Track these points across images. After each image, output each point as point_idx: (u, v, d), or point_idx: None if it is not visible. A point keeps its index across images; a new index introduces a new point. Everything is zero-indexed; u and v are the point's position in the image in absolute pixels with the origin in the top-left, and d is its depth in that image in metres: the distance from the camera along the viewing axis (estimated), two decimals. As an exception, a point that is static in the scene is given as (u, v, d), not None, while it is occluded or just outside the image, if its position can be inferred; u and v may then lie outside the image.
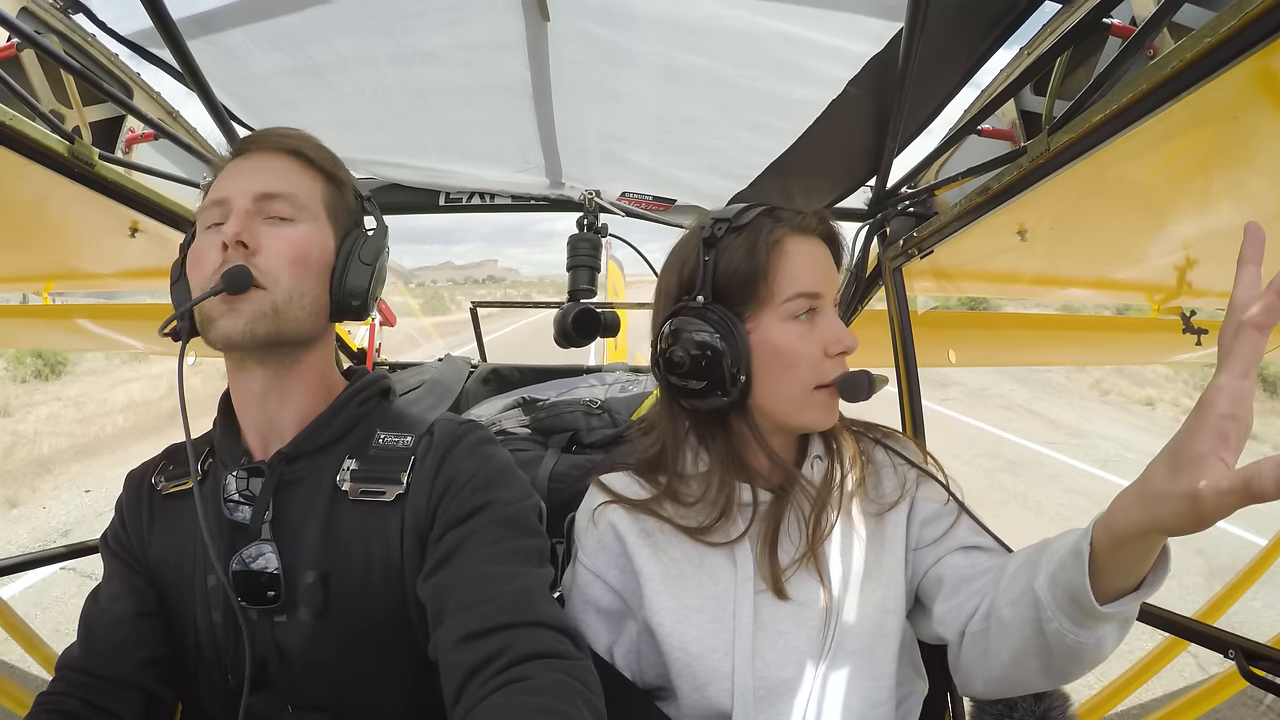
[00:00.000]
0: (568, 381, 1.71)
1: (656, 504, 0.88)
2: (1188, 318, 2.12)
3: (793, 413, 0.84)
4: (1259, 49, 0.70)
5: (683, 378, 0.84)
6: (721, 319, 0.82)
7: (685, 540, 0.87)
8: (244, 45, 1.12)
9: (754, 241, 0.83)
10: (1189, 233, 1.34)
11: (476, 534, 0.77)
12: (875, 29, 0.93)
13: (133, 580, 0.84)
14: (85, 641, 0.81)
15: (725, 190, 1.61)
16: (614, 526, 0.88)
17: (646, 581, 0.86)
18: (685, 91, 1.17)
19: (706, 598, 0.85)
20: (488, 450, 0.86)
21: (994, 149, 1.39)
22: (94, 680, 0.77)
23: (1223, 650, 1.15)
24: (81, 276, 2.07)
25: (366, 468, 0.82)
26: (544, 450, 1.48)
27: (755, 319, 0.83)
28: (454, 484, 0.80)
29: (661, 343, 0.86)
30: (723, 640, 0.83)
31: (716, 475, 0.87)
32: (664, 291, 0.91)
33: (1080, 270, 1.86)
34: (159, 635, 0.82)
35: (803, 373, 0.82)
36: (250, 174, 0.81)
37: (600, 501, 0.91)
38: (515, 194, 1.73)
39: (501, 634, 0.68)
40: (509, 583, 0.73)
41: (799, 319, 0.83)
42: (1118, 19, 1.01)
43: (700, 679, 0.83)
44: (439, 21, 1.04)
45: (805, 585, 0.85)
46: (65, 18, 1.27)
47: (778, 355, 0.82)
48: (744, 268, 0.83)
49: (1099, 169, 1.02)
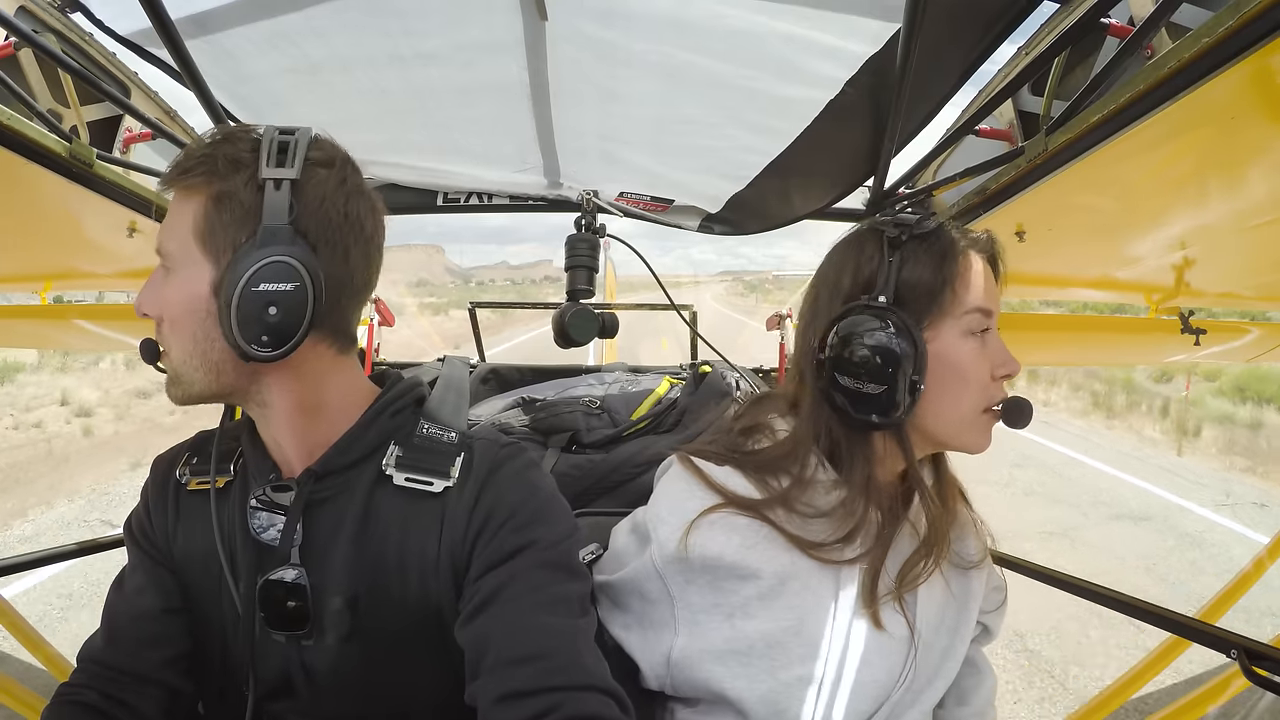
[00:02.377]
0: (566, 381, 1.71)
1: (768, 508, 0.82)
2: (1186, 317, 2.12)
3: (956, 434, 0.81)
4: (1257, 49, 0.70)
5: (857, 380, 0.77)
6: (905, 324, 0.77)
7: (788, 550, 0.82)
8: (242, 45, 1.12)
9: (945, 250, 0.80)
10: (1187, 233, 1.34)
11: (518, 578, 0.72)
12: (873, 29, 0.93)
13: (157, 574, 0.81)
14: (108, 634, 0.79)
15: (723, 191, 1.61)
16: (708, 556, 0.81)
17: (742, 604, 0.81)
18: (683, 91, 1.17)
19: (804, 619, 0.81)
20: (530, 480, 0.80)
21: (992, 149, 1.39)
22: (115, 674, 0.76)
23: (1225, 650, 1.15)
24: (80, 276, 2.06)
25: (412, 457, 0.78)
26: (544, 450, 1.49)
27: (934, 329, 0.79)
28: (493, 518, 0.75)
29: (833, 339, 0.80)
30: (812, 668, 0.81)
31: (850, 493, 0.82)
32: (832, 286, 0.84)
33: (1078, 271, 1.86)
34: (183, 632, 0.80)
35: (973, 392, 0.80)
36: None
37: (700, 510, 0.82)
38: (513, 194, 1.73)
39: (548, 695, 0.65)
40: (553, 639, 0.69)
41: (974, 335, 0.80)
42: (1116, 19, 1.01)
43: (781, 704, 0.80)
44: (437, 21, 1.04)
45: (895, 617, 0.84)
46: (63, 16, 1.27)
47: (952, 370, 0.79)
48: (931, 275, 0.79)
49: (1097, 169, 1.02)
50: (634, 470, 1.33)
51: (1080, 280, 2.01)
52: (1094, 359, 2.90)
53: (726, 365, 1.62)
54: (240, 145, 0.70)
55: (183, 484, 0.82)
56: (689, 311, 1.78)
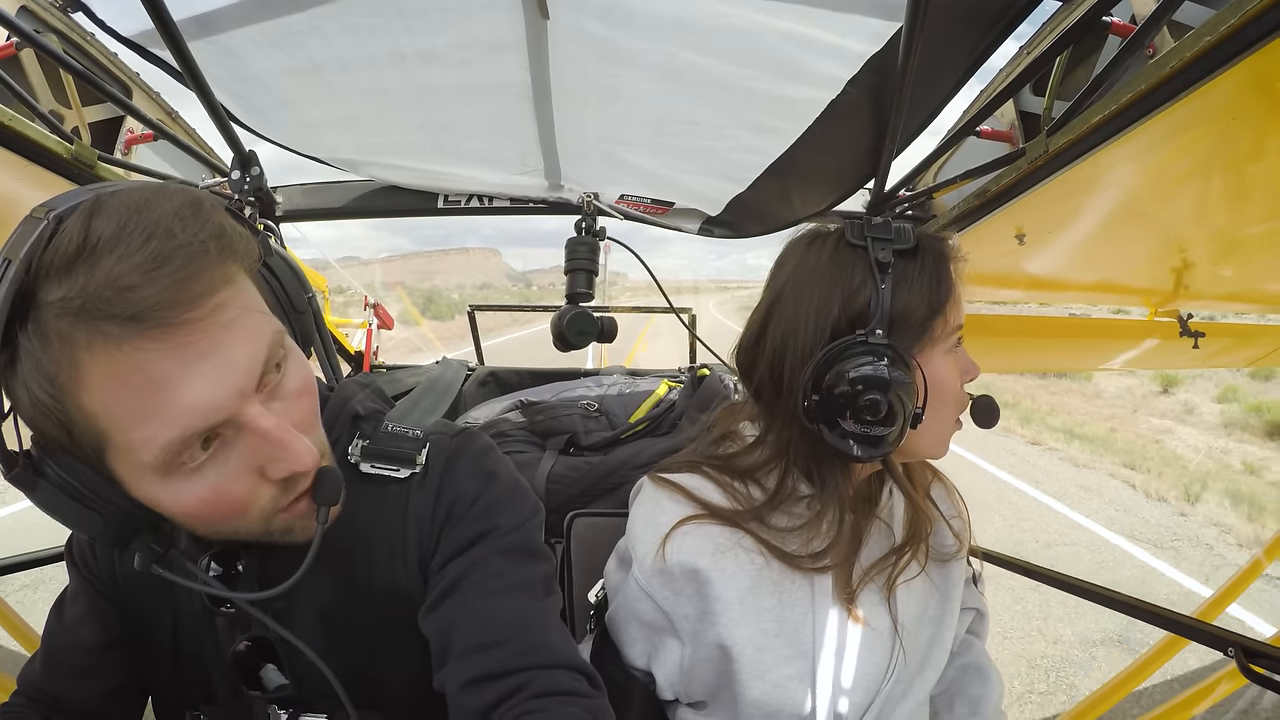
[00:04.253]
0: (565, 384, 1.71)
1: (741, 519, 0.83)
2: (1185, 321, 2.12)
3: (932, 446, 0.81)
4: (1260, 47, 0.70)
5: (860, 422, 0.75)
6: (904, 359, 0.75)
7: (761, 554, 0.83)
8: (243, 45, 1.12)
9: (936, 274, 0.78)
10: (1188, 234, 1.35)
11: (479, 565, 0.73)
12: (875, 28, 0.93)
13: (98, 604, 0.78)
14: (46, 662, 0.78)
15: (724, 193, 1.61)
16: (684, 562, 0.82)
17: (724, 610, 0.81)
18: (685, 91, 1.17)
19: (782, 620, 0.82)
20: (488, 465, 0.80)
21: (993, 150, 1.39)
22: (53, 701, 0.76)
23: (1222, 648, 1.15)
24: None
25: (377, 448, 0.77)
26: (541, 452, 1.48)
27: (925, 355, 0.79)
28: (456, 508, 0.76)
29: (830, 378, 0.76)
30: (800, 667, 0.81)
31: (826, 507, 0.83)
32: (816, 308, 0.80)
33: (1078, 274, 1.86)
34: (123, 665, 0.78)
35: (951, 405, 0.80)
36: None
37: (673, 522, 0.83)
38: (514, 196, 1.73)
39: (516, 676, 0.66)
40: (519, 620, 0.70)
41: (954, 350, 0.80)
42: (1117, 17, 1.01)
43: (774, 705, 0.81)
44: (439, 20, 1.04)
45: (875, 609, 0.85)
46: (64, 16, 1.27)
47: (939, 391, 0.79)
48: (924, 302, 0.78)
49: (1098, 171, 1.02)
50: (632, 472, 1.33)
51: (1079, 284, 2.01)
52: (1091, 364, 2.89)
53: (725, 368, 1.62)
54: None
55: None
56: (688, 315, 1.78)
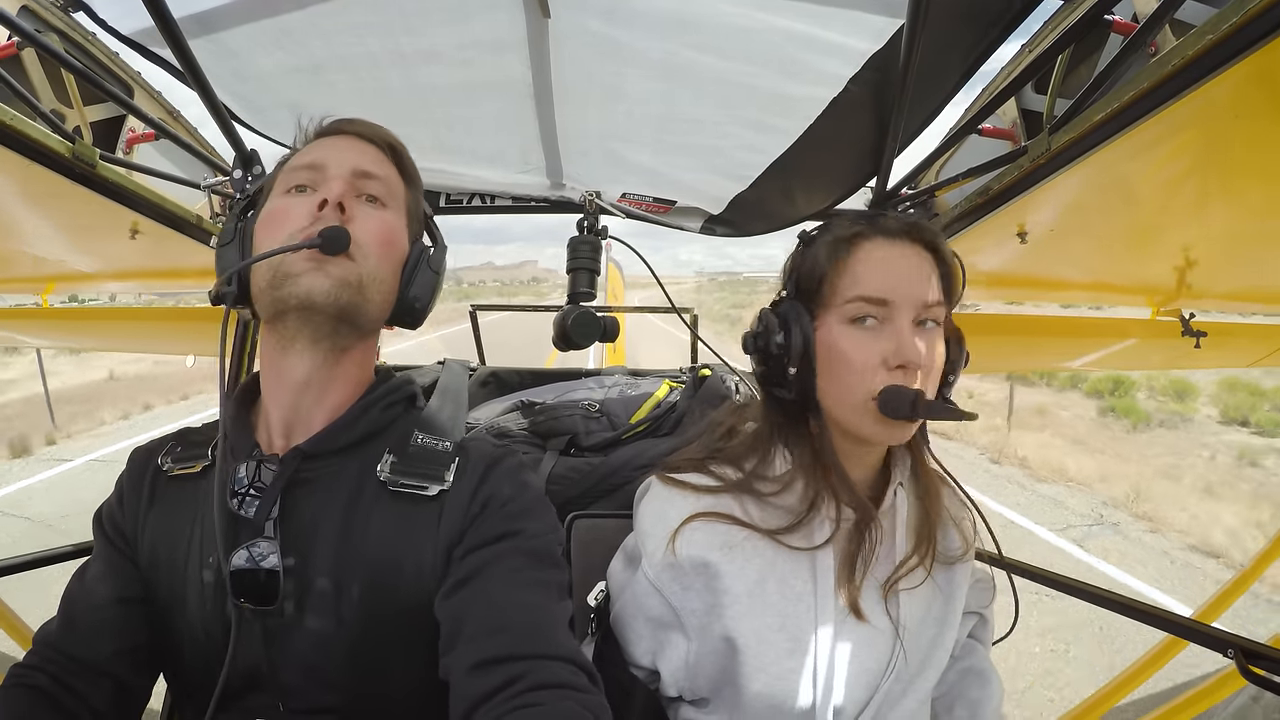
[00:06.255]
0: (566, 385, 1.71)
1: (738, 503, 0.88)
2: (1187, 320, 2.12)
3: (855, 422, 0.83)
4: (1262, 45, 0.69)
5: (760, 365, 0.89)
6: (787, 314, 0.85)
7: (767, 547, 0.86)
8: (245, 44, 1.12)
9: (833, 242, 0.84)
10: (1190, 233, 1.34)
11: (501, 560, 0.75)
12: (876, 25, 0.93)
13: (119, 564, 0.81)
14: (64, 620, 0.79)
15: (726, 191, 1.61)
16: (694, 556, 0.86)
17: (731, 603, 0.85)
18: (687, 89, 1.17)
19: (785, 615, 0.85)
20: (524, 478, 0.85)
21: (995, 149, 1.39)
22: (68, 660, 0.76)
23: (1222, 650, 1.15)
24: (82, 278, 2.06)
25: (406, 464, 0.80)
26: (542, 453, 1.48)
27: (821, 319, 0.85)
28: (490, 505, 0.79)
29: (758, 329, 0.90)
30: (801, 661, 0.84)
31: (800, 477, 0.88)
32: (784, 285, 0.93)
33: (1080, 272, 1.85)
34: (139, 624, 0.79)
35: (855, 380, 0.81)
36: (348, 150, 0.82)
37: (683, 518, 0.87)
38: (515, 195, 1.73)
39: (516, 663, 0.66)
40: (528, 613, 0.72)
41: (859, 324, 0.82)
42: (1119, 15, 1.01)
43: (777, 699, 0.83)
44: (440, 19, 1.04)
45: (877, 607, 0.88)
46: (66, 16, 1.27)
47: (837, 358, 0.82)
48: (814, 268, 0.85)
49: (1099, 169, 1.02)
50: (632, 473, 1.33)
51: (1081, 283, 2.01)
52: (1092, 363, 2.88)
53: (726, 369, 1.62)
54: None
55: (163, 470, 0.83)
56: (690, 314, 1.78)
